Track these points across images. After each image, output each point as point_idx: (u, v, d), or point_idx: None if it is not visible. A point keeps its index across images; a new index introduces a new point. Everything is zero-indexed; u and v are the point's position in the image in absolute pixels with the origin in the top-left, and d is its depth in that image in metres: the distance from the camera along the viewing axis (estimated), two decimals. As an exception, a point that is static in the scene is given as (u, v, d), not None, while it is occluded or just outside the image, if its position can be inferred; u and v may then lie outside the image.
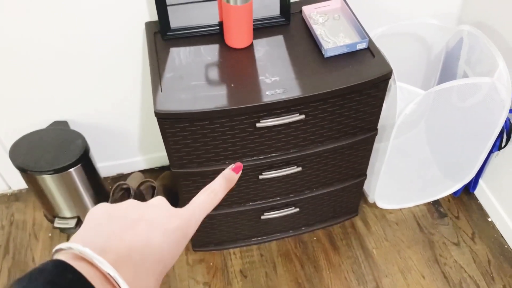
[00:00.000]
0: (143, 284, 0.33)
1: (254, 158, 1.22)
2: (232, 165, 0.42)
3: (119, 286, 0.31)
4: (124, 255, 0.32)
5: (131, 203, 0.37)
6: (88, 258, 0.31)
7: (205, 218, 1.32)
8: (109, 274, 0.30)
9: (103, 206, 0.36)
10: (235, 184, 0.43)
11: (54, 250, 0.32)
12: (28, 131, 1.47)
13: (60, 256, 0.31)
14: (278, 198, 1.39)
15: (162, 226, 0.35)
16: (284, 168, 1.28)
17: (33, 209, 1.70)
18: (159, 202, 0.38)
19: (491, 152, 1.49)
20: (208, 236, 1.49)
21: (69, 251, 0.31)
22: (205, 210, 0.39)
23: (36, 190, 1.48)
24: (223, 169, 1.33)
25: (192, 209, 0.38)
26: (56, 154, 1.42)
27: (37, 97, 1.45)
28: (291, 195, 1.40)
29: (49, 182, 1.43)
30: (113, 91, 1.49)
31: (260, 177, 1.27)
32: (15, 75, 1.38)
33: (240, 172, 0.42)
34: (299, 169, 1.29)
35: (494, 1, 1.40)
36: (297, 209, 1.45)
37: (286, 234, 1.57)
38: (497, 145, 1.46)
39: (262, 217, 1.43)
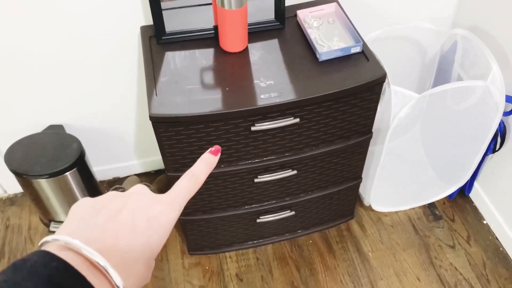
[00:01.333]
0: (132, 270, 0.33)
1: (249, 161, 1.22)
2: (211, 148, 0.42)
3: (108, 273, 0.31)
4: (110, 242, 0.32)
5: (112, 193, 0.37)
6: (76, 249, 0.31)
7: (200, 222, 1.32)
8: (98, 263, 0.31)
9: (85, 200, 0.36)
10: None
11: (39, 243, 0.32)
12: (24, 135, 1.46)
13: (46, 248, 0.31)
14: (274, 202, 1.40)
15: (145, 212, 0.35)
16: (279, 172, 1.28)
17: (28, 213, 1.70)
18: (140, 189, 0.38)
19: (485, 154, 1.49)
20: (204, 240, 1.49)
21: (55, 243, 0.32)
22: (187, 194, 0.39)
23: (32, 194, 1.48)
24: (219, 172, 1.33)
25: (174, 194, 0.38)
26: (51, 158, 1.41)
27: (32, 101, 1.45)
28: (286, 199, 1.40)
29: (45, 186, 1.43)
30: (108, 95, 1.49)
31: (256, 180, 1.27)
32: (11, 79, 1.38)
33: (219, 154, 0.42)
34: (294, 172, 1.29)
35: (488, 5, 1.41)
36: (293, 212, 1.45)
37: (282, 237, 1.58)
38: (492, 148, 1.47)
39: (258, 220, 1.43)
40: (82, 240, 0.31)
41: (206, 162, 0.41)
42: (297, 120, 1.13)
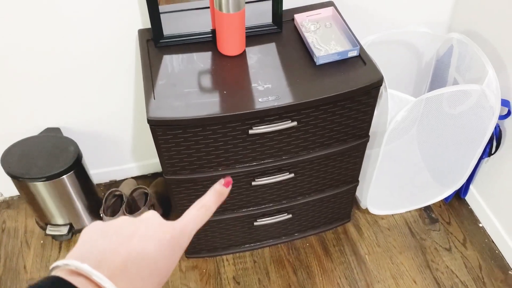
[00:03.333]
0: None
1: (247, 164, 1.23)
2: (222, 180, 0.43)
3: None
4: (120, 267, 0.33)
5: (124, 219, 0.38)
6: (86, 274, 0.31)
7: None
8: None
9: (97, 224, 0.37)
10: (226, 198, 0.44)
11: (51, 268, 0.33)
12: (20, 138, 1.46)
13: (57, 273, 0.32)
14: (271, 205, 1.40)
15: (156, 238, 0.36)
16: (276, 175, 1.28)
17: (25, 216, 1.70)
18: (152, 215, 0.39)
19: (481, 158, 1.50)
20: (201, 243, 1.49)
21: (66, 267, 0.32)
22: (197, 223, 0.40)
23: (28, 197, 1.47)
24: (216, 175, 1.33)
25: (184, 222, 0.39)
26: (48, 161, 1.41)
27: (29, 104, 1.45)
28: (283, 202, 1.40)
29: (41, 189, 1.43)
30: (106, 98, 1.49)
31: (253, 183, 1.28)
32: (7, 81, 1.38)
33: (230, 186, 0.43)
34: (292, 175, 1.29)
35: (484, 10, 1.42)
36: (290, 216, 1.45)
37: (279, 240, 1.58)
38: (487, 151, 1.48)
39: (255, 223, 1.43)
40: (91, 264, 0.32)
41: (218, 193, 0.42)
42: (295, 123, 1.13)
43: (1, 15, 1.22)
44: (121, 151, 1.70)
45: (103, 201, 1.54)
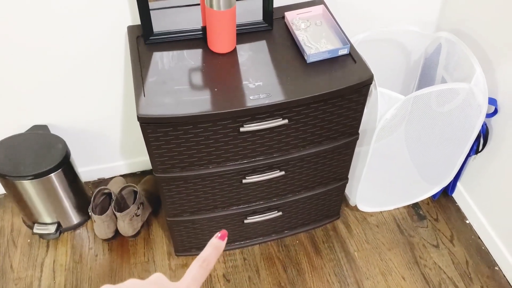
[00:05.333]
0: None
1: (238, 162, 1.22)
2: (218, 234, 0.44)
3: None
4: None
5: (132, 282, 0.39)
6: None
7: (187, 223, 1.31)
8: None
9: (105, 287, 0.38)
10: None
11: None
12: (7, 135, 1.44)
13: None
14: (261, 202, 1.40)
15: None
16: (267, 172, 1.28)
17: (11, 215, 1.67)
18: (158, 278, 0.40)
19: (468, 155, 1.52)
20: (191, 241, 1.49)
21: None
22: (200, 280, 0.41)
23: (15, 195, 1.45)
24: (207, 173, 1.32)
25: (189, 281, 0.41)
26: (36, 159, 1.39)
27: (16, 101, 1.43)
28: (274, 199, 1.41)
29: (29, 187, 1.41)
30: (94, 95, 1.48)
31: (244, 181, 1.27)
32: (-6, 78, 1.36)
33: (226, 239, 0.45)
34: (282, 173, 1.30)
35: (472, 9, 1.44)
36: (280, 213, 1.45)
37: (269, 237, 1.58)
38: (474, 149, 1.50)
39: (245, 221, 1.43)
40: None
41: (215, 247, 0.44)
42: (286, 121, 1.13)
43: (-13, 10, 1.20)
44: (109, 149, 1.68)
45: (91, 199, 1.53)
